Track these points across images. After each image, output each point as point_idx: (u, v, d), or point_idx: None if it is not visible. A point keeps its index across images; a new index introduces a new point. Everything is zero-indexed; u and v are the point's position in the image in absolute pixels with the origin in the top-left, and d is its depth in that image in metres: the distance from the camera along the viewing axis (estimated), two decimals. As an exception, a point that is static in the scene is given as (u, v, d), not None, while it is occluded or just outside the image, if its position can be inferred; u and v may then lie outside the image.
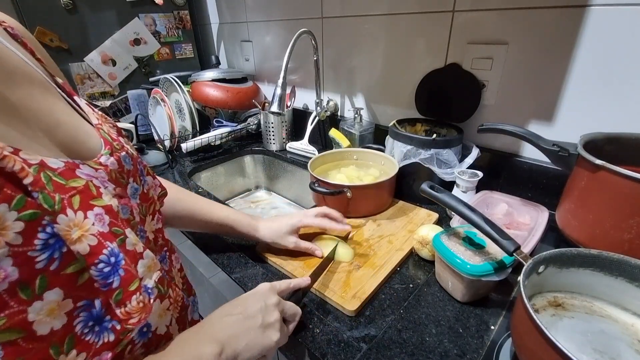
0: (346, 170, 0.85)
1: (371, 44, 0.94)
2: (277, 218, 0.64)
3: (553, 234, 0.63)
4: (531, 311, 0.34)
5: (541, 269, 0.43)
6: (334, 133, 0.99)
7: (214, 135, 1.12)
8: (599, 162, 0.51)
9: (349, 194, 0.71)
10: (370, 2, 0.90)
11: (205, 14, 1.51)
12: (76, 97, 0.37)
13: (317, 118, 1.09)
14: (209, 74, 1.23)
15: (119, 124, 0.44)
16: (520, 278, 0.39)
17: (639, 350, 0.38)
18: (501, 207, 0.67)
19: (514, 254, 0.44)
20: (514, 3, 0.67)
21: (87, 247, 0.27)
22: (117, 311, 0.29)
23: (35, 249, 0.24)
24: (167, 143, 1.11)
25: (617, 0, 0.57)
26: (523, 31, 0.67)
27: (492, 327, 0.47)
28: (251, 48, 1.35)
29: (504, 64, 0.72)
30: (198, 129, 1.17)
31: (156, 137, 1.03)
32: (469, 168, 0.72)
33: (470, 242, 0.52)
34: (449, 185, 0.72)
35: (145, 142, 1.18)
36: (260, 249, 0.64)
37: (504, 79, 0.73)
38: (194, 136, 1.14)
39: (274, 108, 0.87)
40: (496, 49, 0.71)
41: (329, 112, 1.10)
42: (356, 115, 0.96)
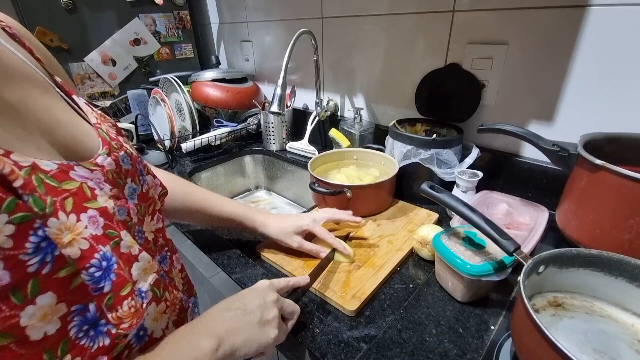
0: (346, 170, 0.85)
1: (371, 44, 0.94)
2: (287, 216, 0.64)
3: (553, 234, 0.63)
4: (531, 311, 0.34)
5: (541, 269, 0.43)
6: (334, 133, 0.99)
7: (214, 135, 1.12)
8: (599, 162, 0.51)
9: (349, 194, 0.71)
10: (370, 2, 0.90)
11: (205, 14, 1.51)
12: (75, 96, 0.37)
13: (317, 118, 1.09)
14: (209, 74, 1.23)
15: (119, 124, 0.44)
16: (520, 278, 0.39)
17: (639, 351, 0.38)
18: (501, 207, 0.67)
19: (514, 254, 0.44)
20: (514, 3, 0.67)
21: (79, 251, 0.27)
22: (109, 316, 0.28)
23: (27, 252, 0.24)
24: (167, 143, 1.11)
25: (617, 0, 0.57)
26: (523, 31, 0.67)
27: (492, 327, 0.47)
28: (251, 48, 1.35)
29: (504, 64, 0.71)
30: (198, 129, 1.17)
31: (156, 137, 1.03)
32: (469, 168, 0.72)
33: (470, 242, 0.52)
34: (449, 185, 0.72)
35: (145, 142, 1.18)
36: (261, 249, 0.64)
37: (504, 79, 0.73)
38: (194, 136, 1.14)
39: (274, 108, 0.87)
40: (496, 49, 0.71)
41: (329, 112, 1.10)
42: (356, 115, 0.96)
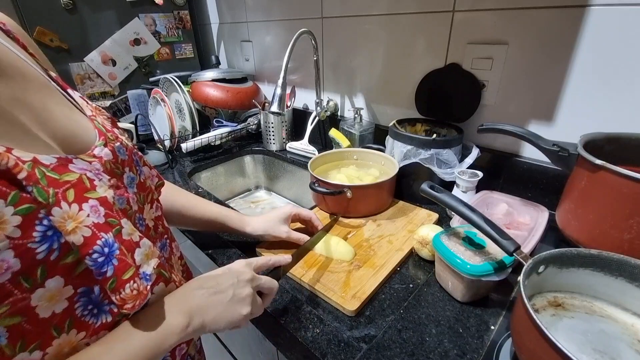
0: (346, 170, 0.85)
1: (371, 44, 0.94)
2: (267, 212, 0.65)
3: (553, 234, 0.63)
4: (531, 311, 0.34)
5: (541, 269, 0.43)
6: (334, 133, 0.99)
7: (214, 135, 1.12)
8: (599, 162, 0.51)
9: (349, 194, 0.71)
10: (370, 2, 0.90)
11: (205, 14, 1.51)
12: (70, 90, 0.38)
13: (317, 118, 1.09)
14: (209, 74, 1.23)
15: (119, 124, 0.45)
16: (520, 278, 0.39)
17: (639, 350, 0.38)
18: (501, 207, 0.67)
19: (514, 254, 0.44)
20: (514, 3, 0.67)
21: (82, 238, 0.28)
22: (113, 297, 0.30)
23: (35, 240, 0.26)
24: (167, 143, 1.11)
25: (617, 0, 0.57)
26: (523, 31, 0.67)
27: (492, 327, 0.47)
28: (251, 48, 1.35)
29: (504, 64, 0.71)
30: (198, 129, 1.17)
31: (156, 137, 1.03)
32: (469, 168, 0.72)
33: (470, 242, 0.52)
34: (449, 185, 0.72)
35: (145, 142, 1.18)
36: (261, 249, 0.64)
37: (504, 79, 0.73)
38: (194, 136, 1.14)
39: (274, 108, 0.87)
40: (496, 49, 0.71)
41: (329, 112, 1.10)
42: (356, 115, 0.96)
